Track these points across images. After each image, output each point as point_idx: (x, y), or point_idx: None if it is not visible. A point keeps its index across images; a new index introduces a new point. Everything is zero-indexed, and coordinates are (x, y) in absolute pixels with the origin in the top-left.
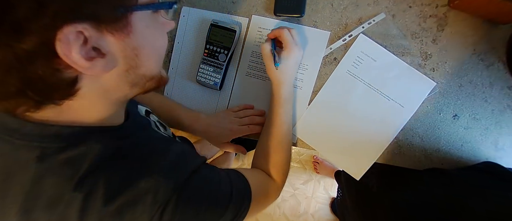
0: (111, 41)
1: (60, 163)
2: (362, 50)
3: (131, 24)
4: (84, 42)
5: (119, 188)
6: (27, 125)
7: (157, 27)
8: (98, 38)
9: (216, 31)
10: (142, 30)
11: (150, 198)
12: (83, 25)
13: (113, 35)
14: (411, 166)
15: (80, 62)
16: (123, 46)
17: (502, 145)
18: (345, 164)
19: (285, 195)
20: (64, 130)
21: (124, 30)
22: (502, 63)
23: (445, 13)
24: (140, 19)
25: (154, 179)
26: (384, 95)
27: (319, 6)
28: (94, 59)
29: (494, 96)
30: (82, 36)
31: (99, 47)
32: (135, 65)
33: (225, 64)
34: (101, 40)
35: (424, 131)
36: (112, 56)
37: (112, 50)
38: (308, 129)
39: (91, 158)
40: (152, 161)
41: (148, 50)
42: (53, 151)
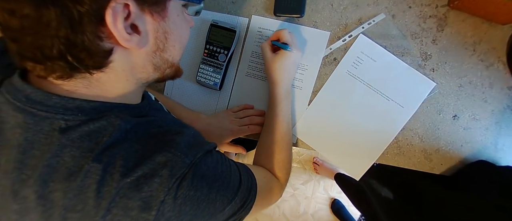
0: (148, 20)
1: (81, 135)
2: (362, 51)
3: (168, 10)
4: (127, 17)
5: (137, 161)
6: (52, 98)
7: (184, 19)
8: (139, 15)
9: (216, 31)
10: (174, 18)
11: (167, 171)
12: (131, 0)
13: (151, 16)
14: (411, 166)
15: (122, 33)
16: (157, 28)
17: (502, 145)
18: (345, 164)
19: (285, 196)
20: (86, 104)
21: (161, 14)
22: (502, 63)
23: (445, 13)
24: (174, 7)
25: (172, 153)
26: (384, 96)
27: (319, 7)
28: (132, 34)
29: (494, 97)
30: (127, 10)
31: (137, 24)
32: (163, 48)
33: (225, 64)
34: (140, 18)
35: (424, 132)
36: (146, 34)
37: (147, 29)
38: (308, 129)
39: (111, 132)
40: (169, 138)
41: (176, 37)
42: (75, 123)
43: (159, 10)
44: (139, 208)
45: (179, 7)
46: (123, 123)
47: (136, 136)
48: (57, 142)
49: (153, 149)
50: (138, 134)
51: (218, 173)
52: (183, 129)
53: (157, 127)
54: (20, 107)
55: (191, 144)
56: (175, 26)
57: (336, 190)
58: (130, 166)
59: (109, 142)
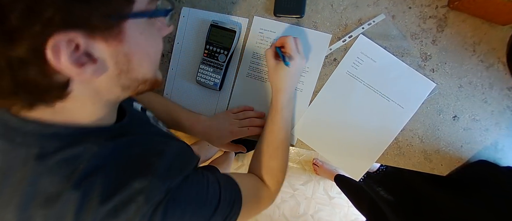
0: (103, 47)
1: (58, 162)
2: (362, 51)
3: (125, 31)
4: (76, 48)
5: (115, 187)
6: (28, 125)
7: (151, 33)
8: (89, 45)
9: (216, 31)
10: (135, 36)
11: (143, 198)
12: (75, 33)
13: (105, 42)
14: (410, 167)
15: (70, 69)
16: (115, 52)
17: (502, 146)
18: (344, 164)
19: (285, 196)
20: (62, 131)
21: (117, 38)
22: (502, 64)
23: (445, 14)
24: (134, 26)
25: (148, 180)
26: (384, 96)
27: (319, 7)
28: (85, 64)
29: (494, 97)
30: (73, 43)
31: (91, 53)
32: (127, 69)
33: (225, 65)
34: (92, 47)
35: (423, 132)
36: (103, 62)
37: (103, 56)
38: (307, 130)
39: (88, 158)
40: (147, 162)
41: (141, 55)
42: (51, 150)
43: (114, 34)
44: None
45: (142, 23)
46: (101, 149)
47: (115, 161)
48: (34, 168)
49: (131, 174)
50: (117, 159)
51: (193, 197)
52: (165, 149)
53: (138, 146)
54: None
55: (170, 168)
56: (138, 46)
57: (336, 191)
58: (108, 193)
59: (87, 169)
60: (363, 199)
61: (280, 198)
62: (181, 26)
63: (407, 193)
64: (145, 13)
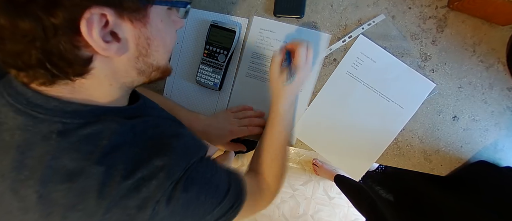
0: (128, 28)
1: (80, 139)
2: (362, 51)
3: (149, 15)
4: (105, 25)
5: (136, 164)
6: (50, 101)
7: (169, 23)
8: (118, 23)
9: (216, 31)
10: (157, 23)
11: (164, 174)
12: (108, 10)
13: (131, 23)
14: (410, 167)
15: (99, 43)
16: (138, 35)
17: (502, 146)
18: (344, 165)
19: (285, 196)
20: (83, 108)
21: (142, 20)
22: (501, 64)
23: (444, 14)
24: (157, 12)
25: (168, 157)
26: (383, 96)
27: (318, 7)
28: (110, 42)
29: (494, 98)
30: (105, 19)
31: (117, 32)
32: (146, 53)
33: (224, 65)
34: (120, 26)
35: (423, 132)
36: (126, 42)
37: (127, 37)
38: (307, 130)
39: (108, 135)
40: (165, 142)
41: (159, 42)
42: (73, 126)
43: (140, 17)
44: (136, 207)
45: (163, 11)
46: (119, 126)
47: (134, 139)
48: (56, 144)
49: (151, 152)
50: (136, 137)
51: (208, 178)
52: (179, 131)
53: (152, 127)
54: (20, 109)
55: (187, 149)
56: (158, 31)
57: (336, 191)
58: (130, 169)
59: (109, 145)
60: (363, 199)
61: (280, 198)
62: None
63: (407, 192)
64: (168, 2)
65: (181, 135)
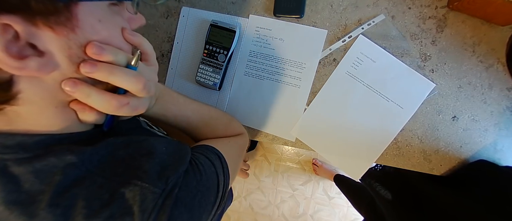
0: (50, 37)
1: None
2: (362, 51)
3: (77, 17)
4: (15, 37)
5: (103, 200)
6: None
7: (116, 23)
8: (32, 33)
9: (216, 31)
10: (93, 24)
11: (137, 207)
12: (12, 17)
13: (52, 30)
14: (410, 167)
15: (6, 61)
16: (67, 44)
17: (501, 146)
18: (344, 165)
19: (284, 196)
20: (28, 139)
21: (67, 24)
22: (501, 64)
23: (444, 14)
24: (89, 11)
25: (139, 186)
26: (383, 96)
27: (318, 7)
28: (28, 57)
29: (493, 98)
30: (11, 29)
31: (35, 44)
32: None
33: (224, 65)
34: (37, 36)
35: (423, 132)
36: (51, 54)
37: (51, 48)
38: (307, 130)
39: (62, 169)
40: (136, 164)
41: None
42: (18, 162)
43: (63, 20)
44: None
45: (101, 9)
46: (76, 156)
47: (98, 167)
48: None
49: (119, 182)
50: (100, 164)
51: (194, 189)
52: (155, 147)
53: (122, 148)
54: None
55: (162, 167)
56: (98, 35)
57: (336, 191)
58: (95, 207)
59: (64, 181)
60: (362, 199)
61: (279, 198)
62: (180, 26)
63: (406, 190)
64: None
65: (156, 153)
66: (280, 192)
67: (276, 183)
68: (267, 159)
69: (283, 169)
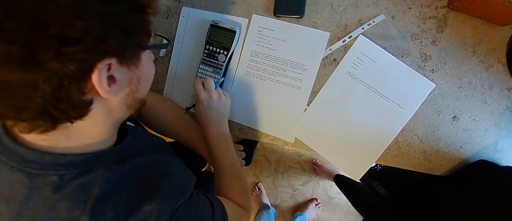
0: (125, 71)
1: (74, 189)
2: (362, 51)
3: (141, 58)
4: (107, 71)
5: (126, 212)
6: (45, 156)
7: (150, 60)
8: (117, 69)
9: (216, 31)
10: (145, 63)
11: (153, 219)
12: (113, 59)
13: (128, 68)
14: (410, 167)
15: (105, 88)
16: (132, 75)
17: (502, 146)
18: (344, 165)
19: (284, 196)
20: (76, 158)
21: (136, 64)
22: (501, 64)
23: (444, 14)
24: (145, 55)
25: (156, 203)
26: (383, 96)
27: (318, 7)
28: (111, 85)
29: (494, 98)
30: (108, 66)
31: (115, 76)
32: (136, 89)
33: (224, 65)
34: (118, 71)
35: (423, 133)
36: (121, 83)
37: (123, 78)
38: (307, 130)
39: (100, 183)
40: (154, 184)
41: (146, 78)
42: (67, 178)
43: (134, 61)
44: None
45: (147, 52)
46: (110, 173)
47: (124, 184)
48: (51, 196)
49: (140, 198)
50: (126, 183)
51: (193, 215)
52: (169, 171)
53: (142, 169)
54: (15, 166)
55: (174, 190)
56: (145, 70)
57: (336, 191)
58: (121, 217)
59: (100, 194)
60: (362, 199)
61: (279, 198)
62: (181, 26)
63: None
64: (155, 45)
65: (170, 176)
66: (280, 192)
67: (276, 183)
68: (267, 159)
69: (283, 169)
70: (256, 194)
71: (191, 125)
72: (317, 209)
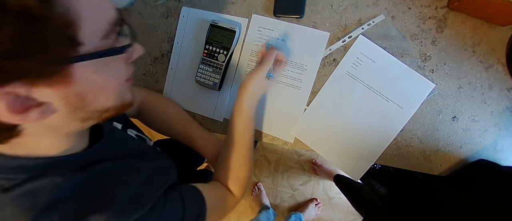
0: (47, 92)
1: (22, 194)
2: (362, 51)
3: (72, 74)
4: (16, 96)
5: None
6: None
7: (110, 68)
8: (31, 92)
9: (216, 31)
10: (88, 76)
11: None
12: (14, 85)
13: (50, 87)
14: (410, 167)
15: (11, 118)
16: (64, 94)
17: (501, 146)
18: (344, 165)
19: (284, 196)
20: (28, 162)
21: (63, 81)
22: (501, 64)
23: (444, 14)
24: (84, 67)
25: (105, 215)
26: (383, 97)
27: (318, 7)
28: (30, 108)
29: (493, 98)
30: (12, 94)
31: (35, 98)
32: (82, 106)
33: (224, 65)
34: (35, 93)
35: (423, 133)
36: (49, 104)
37: (49, 100)
38: (307, 130)
39: (49, 191)
40: (109, 194)
41: (96, 92)
42: (16, 182)
43: (59, 79)
44: None
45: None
46: (64, 180)
47: (78, 193)
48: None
49: (91, 207)
50: (80, 191)
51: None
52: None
53: (106, 177)
54: None
55: (132, 200)
56: (91, 84)
57: (335, 191)
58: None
59: (49, 202)
60: (362, 199)
61: (279, 198)
62: (180, 26)
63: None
64: (95, 54)
65: (129, 185)
66: (280, 192)
67: (276, 183)
68: (267, 159)
69: (283, 169)
70: (255, 194)
71: (190, 123)
72: (317, 209)
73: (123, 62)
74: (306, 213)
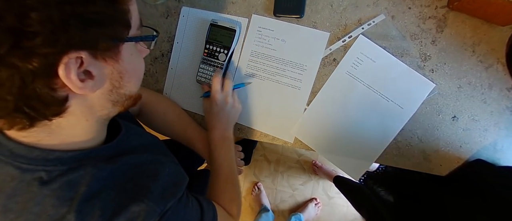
0: (102, 66)
1: (61, 185)
2: (362, 51)
3: (121, 52)
4: (80, 65)
5: (114, 211)
6: (34, 151)
7: (137, 54)
8: (92, 63)
9: (216, 30)
10: (127, 57)
11: (141, 220)
12: (84, 52)
13: (105, 61)
14: (410, 167)
15: (76, 83)
16: (111, 70)
17: (501, 146)
18: (343, 164)
19: (284, 196)
20: (65, 154)
21: (114, 57)
22: (501, 64)
23: (444, 14)
24: (127, 48)
25: (145, 203)
26: (383, 96)
27: (318, 7)
28: (85, 80)
29: (493, 98)
30: (80, 60)
31: (91, 70)
32: (119, 85)
33: (225, 64)
34: (93, 65)
35: (423, 132)
36: (100, 78)
37: (101, 73)
38: (307, 130)
39: (88, 181)
40: (143, 184)
41: (131, 73)
42: (55, 174)
43: (112, 55)
44: None
45: (132, 46)
46: (99, 171)
47: (113, 184)
48: (39, 191)
49: (128, 197)
50: (115, 181)
51: (181, 217)
52: (160, 172)
53: (132, 168)
54: (4, 160)
55: (164, 192)
56: (129, 65)
57: (335, 191)
58: (107, 216)
59: (88, 192)
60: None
61: (279, 198)
62: (180, 25)
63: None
64: (137, 37)
65: (160, 177)
66: (279, 191)
67: (275, 183)
68: (267, 159)
69: (283, 169)
70: (255, 193)
71: (190, 125)
72: (317, 208)
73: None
74: (306, 213)
